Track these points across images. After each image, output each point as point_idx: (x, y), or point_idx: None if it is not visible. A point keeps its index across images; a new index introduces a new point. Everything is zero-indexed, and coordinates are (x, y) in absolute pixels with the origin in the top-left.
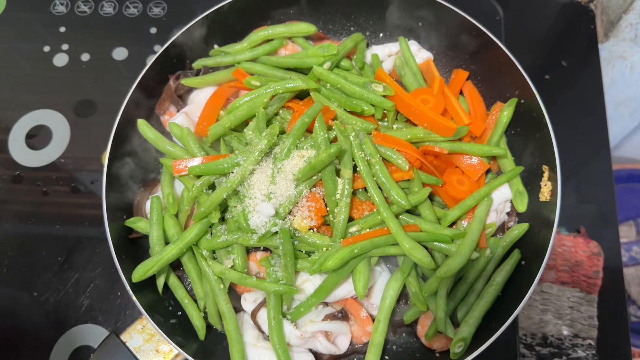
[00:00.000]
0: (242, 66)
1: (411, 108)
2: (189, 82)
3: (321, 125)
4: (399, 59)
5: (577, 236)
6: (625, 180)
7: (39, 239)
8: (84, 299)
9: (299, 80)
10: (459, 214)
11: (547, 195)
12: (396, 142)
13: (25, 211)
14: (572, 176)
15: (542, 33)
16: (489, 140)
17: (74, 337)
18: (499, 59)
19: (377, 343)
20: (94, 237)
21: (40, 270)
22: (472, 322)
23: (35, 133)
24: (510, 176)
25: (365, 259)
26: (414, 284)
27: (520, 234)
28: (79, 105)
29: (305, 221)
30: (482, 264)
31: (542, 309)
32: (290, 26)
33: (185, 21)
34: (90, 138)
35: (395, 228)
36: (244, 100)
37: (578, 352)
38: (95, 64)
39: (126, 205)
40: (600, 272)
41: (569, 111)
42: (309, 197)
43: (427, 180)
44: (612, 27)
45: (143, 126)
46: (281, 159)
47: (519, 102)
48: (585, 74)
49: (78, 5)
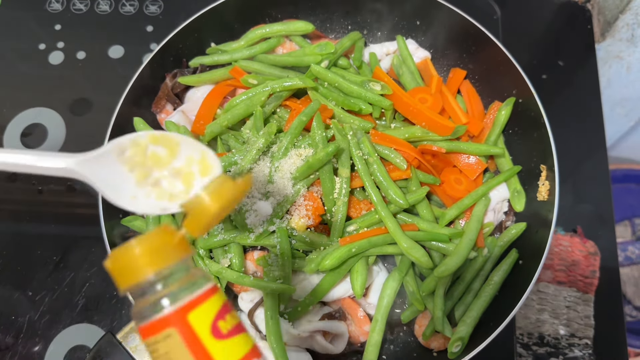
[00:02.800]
0: (239, 64)
1: (409, 107)
2: (186, 81)
3: (319, 124)
4: (397, 57)
5: (574, 236)
6: (621, 180)
7: (34, 238)
8: (80, 299)
9: (296, 79)
10: (457, 213)
11: (544, 195)
12: (394, 141)
13: (20, 210)
14: (569, 176)
15: (539, 33)
16: (487, 140)
17: (70, 337)
18: (497, 58)
19: (374, 342)
20: (90, 236)
21: (36, 270)
22: (470, 322)
23: (30, 131)
24: (508, 175)
25: (362, 258)
26: (412, 283)
27: (517, 234)
28: (74, 103)
29: (302, 220)
30: (480, 263)
31: (539, 308)
32: (287, 24)
33: (181, 19)
34: (86, 136)
35: (393, 227)
36: (241, 98)
37: (575, 352)
38: (91, 62)
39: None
40: (597, 271)
41: (565, 111)
42: (306, 196)
43: (425, 179)
44: (608, 27)
45: (139, 124)
46: (279, 158)
47: (517, 101)
48: (582, 74)
49: (74, 3)
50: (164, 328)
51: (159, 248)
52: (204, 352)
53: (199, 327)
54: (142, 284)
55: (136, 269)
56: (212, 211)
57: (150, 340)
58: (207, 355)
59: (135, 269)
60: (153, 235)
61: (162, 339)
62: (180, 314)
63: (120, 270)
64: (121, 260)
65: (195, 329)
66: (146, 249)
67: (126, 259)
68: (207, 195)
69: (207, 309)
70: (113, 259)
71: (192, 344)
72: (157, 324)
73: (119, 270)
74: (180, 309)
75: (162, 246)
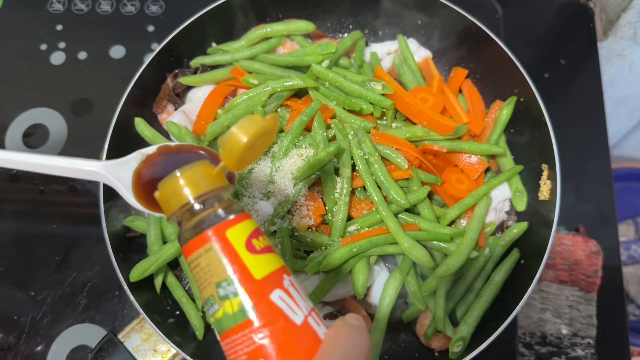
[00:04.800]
0: (240, 64)
1: (410, 106)
2: (187, 81)
3: (320, 124)
4: (398, 57)
5: (576, 235)
6: (624, 179)
7: (36, 238)
8: (82, 298)
9: (297, 79)
10: (458, 213)
11: (546, 194)
12: (395, 140)
13: (22, 210)
14: (571, 175)
15: (540, 31)
16: (488, 139)
17: (72, 337)
18: (499, 57)
19: (376, 342)
20: (92, 236)
21: (38, 270)
22: (471, 322)
23: (32, 132)
24: (510, 175)
25: (364, 258)
26: (413, 283)
27: (519, 233)
28: (76, 103)
29: (303, 220)
30: (481, 263)
31: (541, 307)
32: (288, 24)
33: (182, 19)
34: (88, 137)
35: (394, 227)
36: (242, 98)
37: (577, 351)
38: (92, 62)
39: (124, 204)
40: (599, 271)
41: (567, 110)
42: (307, 196)
43: (426, 179)
44: (611, 26)
45: (140, 125)
46: (280, 158)
47: (519, 100)
48: (584, 73)
49: (75, 3)
50: (205, 243)
51: (199, 177)
52: (239, 262)
53: (236, 241)
54: (184, 207)
55: (180, 194)
56: (243, 143)
57: (194, 255)
58: (243, 265)
59: (179, 194)
60: (194, 167)
61: (204, 252)
62: (219, 230)
63: (167, 197)
64: (168, 188)
65: (233, 243)
66: (188, 177)
67: (172, 186)
68: (237, 128)
69: (242, 228)
70: (161, 188)
71: (229, 255)
72: (199, 239)
73: (166, 197)
74: (219, 226)
75: (201, 176)
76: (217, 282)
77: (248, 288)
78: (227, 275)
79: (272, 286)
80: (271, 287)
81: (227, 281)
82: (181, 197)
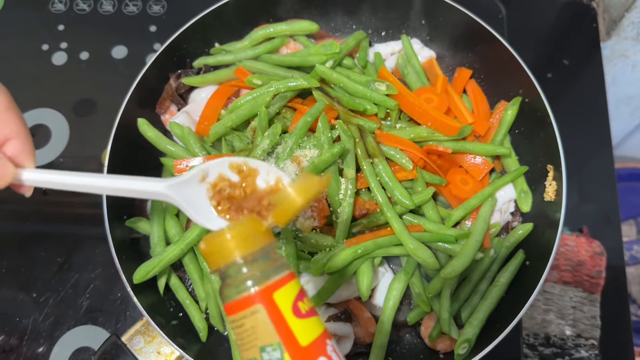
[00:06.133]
0: (244, 65)
1: (414, 107)
2: (190, 81)
3: (324, 125)
4: (402, 57)
5: (580, 236)
6: (626, 179)
7: (38, 239)
8: (84, 300)
9: (301, 79)
10: (463, 214)
11: (551, 195)
12: (399, 141)
13: (24, 211)
14: (574, 175)
15: (544, 31)
16: (493, 140)
17: (74, 339)
18: (503, 57)
19: (380, 344)
20: (94, 238)
21: (40, 271)
22: (477, 323)
23: (34, 132)
24: (515, 176)
25: (368, 260)
26: (418, 284)
27: (524, 234)
28: (78, 104)
29: (308, 221)
30: (486, 264)
31: (545, 308)
32: (292, 24)
33: (185, 19)
34: (90, 137)
35: (399, 228)
36: (246, 99)
37: (581, 352)
38: (94, 62)
39: (127, 206)
40: (603, 271)
41: (570, 110)
42: None
43: (431, 179)
44: (614, 26)
45: (143, 125)
46: (283, 159)
47: (523, 100)
48: (587, 73)
49: (77, 4)
50: (251, 304)
51: (247, 235)
52: (286, 327)
53: (283, 305)
54: (231, 265)
55: (227, 252)
56: (298, 204)
57: (237, 316)
58: (289, 330)
59: (226, 252)
60: (243, 224)
61: (250, 314)
62: (267, 292)
63: (213, 253)
64: (214, 245)
65: (280, 307)
66: (236, 235)
67: (218, 243)
68: (294, 190)
69: (289, 290)
70: (207, 242)
71: (276, 319)
72: (245, 301)
73: (211, 253)
74: (267, 288)
75: (250, 233)
76: (261, 347)
77: (294, 355)
78: (274, 340)
79: (317, 354)
80: (316, 354)
81: (273, 347)
82: (228, 254)
